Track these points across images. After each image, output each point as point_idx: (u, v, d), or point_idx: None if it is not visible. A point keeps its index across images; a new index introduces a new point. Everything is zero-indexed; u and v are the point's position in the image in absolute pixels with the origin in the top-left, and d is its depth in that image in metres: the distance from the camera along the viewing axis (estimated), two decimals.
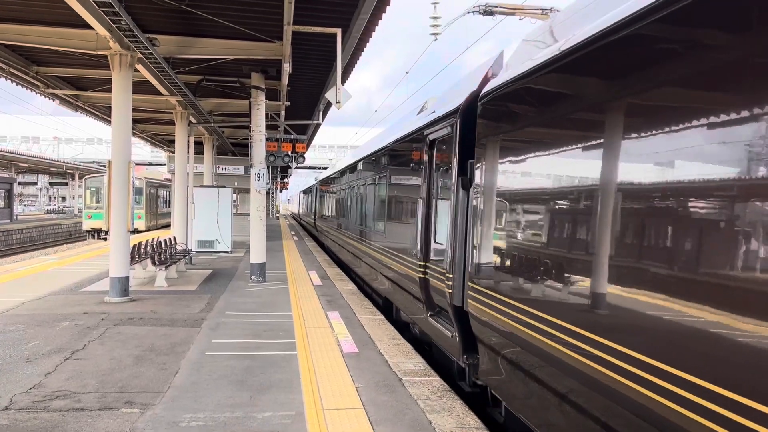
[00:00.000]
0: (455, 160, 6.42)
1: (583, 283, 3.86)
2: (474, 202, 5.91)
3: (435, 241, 7.40)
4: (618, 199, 3.52)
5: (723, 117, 2.76)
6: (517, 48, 5.80)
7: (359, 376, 6.78)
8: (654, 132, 3.22)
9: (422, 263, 7.63)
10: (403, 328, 9.91)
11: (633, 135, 3.41)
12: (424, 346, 8.91)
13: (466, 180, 6.22)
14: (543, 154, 4.52)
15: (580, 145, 4.01)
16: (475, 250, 5.82)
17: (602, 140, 3.74)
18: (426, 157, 7.74)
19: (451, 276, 6.40)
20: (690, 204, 2.95)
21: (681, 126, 3.02)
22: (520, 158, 4.96)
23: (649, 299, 3.18)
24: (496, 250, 5.33)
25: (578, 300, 3.90)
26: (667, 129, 3.12)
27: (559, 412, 4.13)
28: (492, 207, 5.46)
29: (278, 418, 5.42)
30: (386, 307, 11.15)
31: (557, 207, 4.27)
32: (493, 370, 5.52)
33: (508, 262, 5.05)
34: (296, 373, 6.83)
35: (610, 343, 3.47)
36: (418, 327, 8.81)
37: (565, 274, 4.08)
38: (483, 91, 5.84)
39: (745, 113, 2.63)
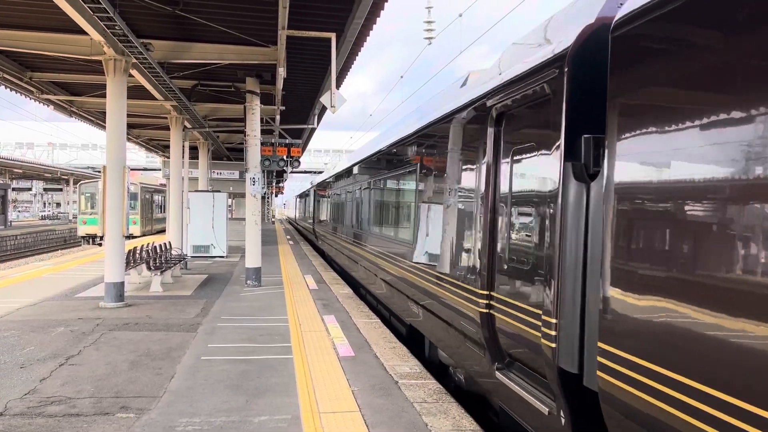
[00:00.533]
0: (562, 136, 4.11)
1: None
2: (608, 203, 3.57)
3: (510, 262, 4.99)
4: None
5: None
6: None
7: (355, 379, 6.77)
8: None
9: (484, 292, 5.42)
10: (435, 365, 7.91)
11: None
12: (465, 394, 6.77)
13: (579, 167, 3.96)
14: None
15: None
16: (617, 287, 3.41)
17: None
18: (489, 138, 5.44)
19: (554, 322, 4.08)
20: None
21: None
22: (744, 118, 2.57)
23: None
24: (685, 291, 2.91)
25: None
26: None
27: None
28: (661, 213, 3.12)
29: (274, 422, 5.42)
30: (414, 338, 8.85)
31: None
32: None
33: (718, 318, 2.68)
34: (292, 377, 6.83)
35: None
36: (463, 373, 6.79)
37: None
38: (630, 8, 3.36)
39: None
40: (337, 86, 12.21)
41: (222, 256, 21.33)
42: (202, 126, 20.06)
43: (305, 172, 60.00)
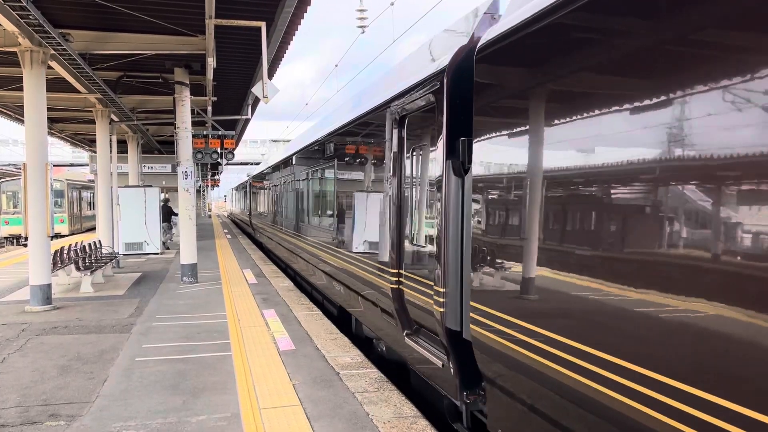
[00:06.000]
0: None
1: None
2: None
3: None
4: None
5: None
6: None
7: (296, 372, 6.72)
8: None
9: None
10: None
11: None
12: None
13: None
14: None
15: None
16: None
17: None
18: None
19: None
20: None
21: None
22: None
23: None
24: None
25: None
26: None
27: None
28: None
29: (213, 421, 5.32)
30: None
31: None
32: None
33: None
34: (231, 375, 6.71)
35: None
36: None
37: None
38: None
39: None
40: (270, 76, 12.00)
41: (156, 253, 20.73)
42: (130, 119, 19.36)
43: (241, 163, 58.97)
